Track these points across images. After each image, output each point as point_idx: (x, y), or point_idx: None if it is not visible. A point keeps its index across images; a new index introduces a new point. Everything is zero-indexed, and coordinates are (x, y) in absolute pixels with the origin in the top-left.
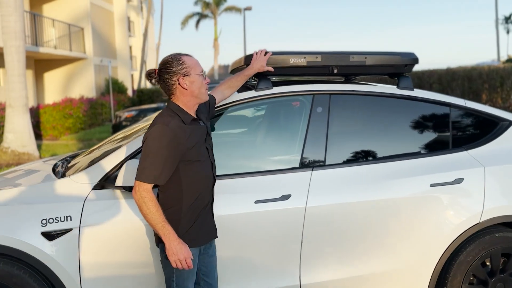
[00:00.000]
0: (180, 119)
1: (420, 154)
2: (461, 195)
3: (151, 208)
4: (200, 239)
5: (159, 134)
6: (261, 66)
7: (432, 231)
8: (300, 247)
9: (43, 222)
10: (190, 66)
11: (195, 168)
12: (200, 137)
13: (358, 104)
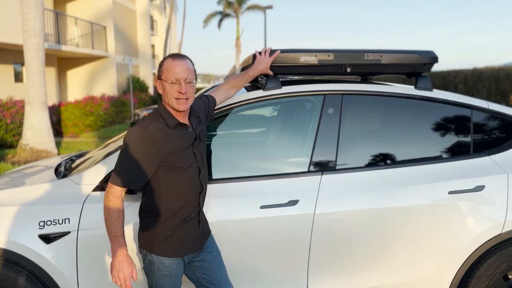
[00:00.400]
0: (164, 123)
1: (438, 159)
2: (481, 203)
3: (111, 215)
4: (180, 251)
5: (136, 137)
6: (264, 68)
7: (450, 242)
8: (308, 255)
9: (40, 224)
10: (163, 70)
11: (176, 175)
12: (184, 143)
13: (372, 105)
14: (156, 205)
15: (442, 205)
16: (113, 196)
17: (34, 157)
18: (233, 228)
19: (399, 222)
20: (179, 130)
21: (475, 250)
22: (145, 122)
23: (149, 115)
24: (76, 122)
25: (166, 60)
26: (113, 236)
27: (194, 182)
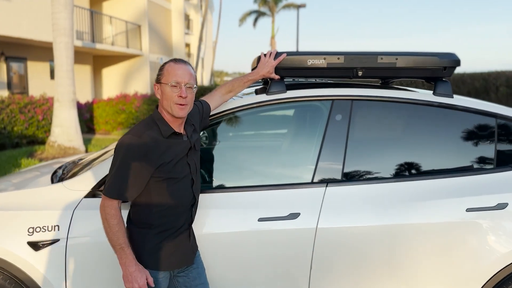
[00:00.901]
0: (158, 131)
1: (457, 172)
2: (503, 223)
3: (112, 227)
4: (168, 264)
5: (128, 146)
6: (267, 72)
7: (467, 264)
8: (309, 273)
9: (29, 231)
10: (164, 73)
11: (168, 186)
12: (178, 153)
13: (385, 113)
14: (146, 217)
15: (458, 223)
16: (110, 209)
17: (62, 154)
18: (228, 241)
19: (410, 240)
20: (173, 139)
21: (496, 273)
22: (138, 130)
23: (142, 121)
24: (108, 119)
25: (168, 64)
26: (118, 249)
27: (187, 193)
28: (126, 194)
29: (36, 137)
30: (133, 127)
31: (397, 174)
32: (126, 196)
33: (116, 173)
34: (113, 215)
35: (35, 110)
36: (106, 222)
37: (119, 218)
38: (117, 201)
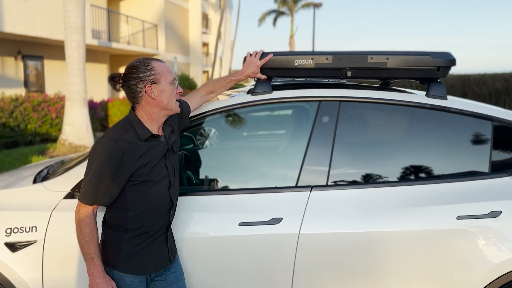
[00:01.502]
0: (135, 134)
1: (448, 178)
2: (496, 232)
3: (84, 236)
4: (145, 268)
5: (104, 150)
6: (252, 72)
7: (457, 275)
8: (292, 280)
9: (7, 232)
10: (159, 72)
11: (145, 189)
12: (156, 156)
13: (374, 115)
14: (122, 220)
15: (448, 231)
16: (85, 216)
17: (73, 152)
18: (208, 246)
19: (396, 248)
20: (151, 142)
21: (487, 285)
22: (114, 133)
23: (117, 124)
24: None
25: (155, 63)
26: (88, 258)
27: (164, 196)
28: (102, 200)
29: (49, 135)
30: (108, 130)
31: (385, 179)
32: (102, 202)
33: (91, 178)
34: (87, 223)
35: (49, 108)
36: (79, 229)
37: (93, 226)
38: (93, 207)
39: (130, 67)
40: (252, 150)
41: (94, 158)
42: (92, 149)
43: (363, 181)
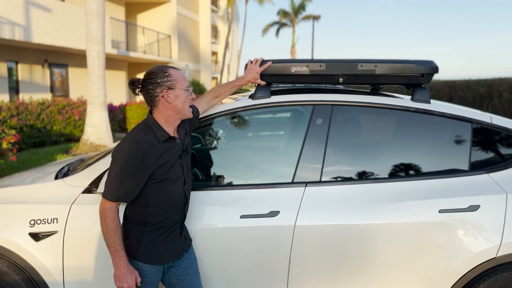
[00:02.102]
0: (154, 136)
1: (432, 175)
2: (475, 224)
3: (109, 230)
4: (162, 259)
5: (127, 151)
6: (252, 78)
7: (439, 263)
8: (288, 268)
9: (31, 223)
10: (176, 79)
11: (163, 187)
12: (173, 156)
13: (364, 117)
14: (143, 216)
15: (431, 223)
16: (109, 212)
17: (94, 150)
18: (212, 236)
19: (384, 239)
20: (168, 143)
21: (466, 273)
22: (136, 136)
23: (137, 126)
24: (139, 120)
25: (172, 70)
26: (113, 250)
27: (180, 193)
28: (125, 197)
29: (73, 135)
30: (129, 132)
31: (374, 176)
32: (125, 198)
33: (115, 177)
34: (112, 218)
35: (72, 111)
36: (104, 224)
37: (117, 221)
38: (116, 203)
39: (149, 73)
40: (253, 149)
41: (118, 158)
42: (115, 149)
43: (353, 178)
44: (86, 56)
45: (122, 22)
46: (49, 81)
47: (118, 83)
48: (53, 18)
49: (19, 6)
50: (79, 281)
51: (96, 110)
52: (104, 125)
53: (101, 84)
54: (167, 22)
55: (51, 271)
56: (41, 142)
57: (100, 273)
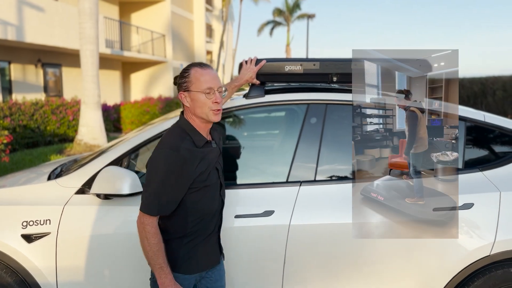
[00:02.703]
0: (191, 141)
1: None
2: (469, 222)
3: (152, 246)
4: (201, 267)
5: (166, 160)
6: (249, 77)
7: (433, 261)
8: (283, 267)
9: (23, 224)
10: (192, 80)
11: (202, 194)
12: (211, 161)
13: None
14: (180, 227)
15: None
16: (150, 227)
17: (88, 151)
18: None
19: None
20: (206, 148)
21: (460, 271)
22: (174, 142)
23: (172, 132)
24: (133, 120)
25: (193, 69)
26: (157, 268)
27: (217, 199)
28: (166, 209)
29: (67, 135)
30: (164, 139)
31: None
32: (166, 211)
33: (156, 189)
34: (154, 233)
35: (66, 111)
36: (146, 241)
37: (159, 236)
38: (156, 217)
39: (180, 72)
40: (247, 148)
41: (157, 168)
42: (152, 160)
43: (348, 177)
44: (80, 56)
45: (116, 22)
46: (42, 81)
47: (112, 83)
48: (46, 18)
49: (11, 5)
50: (72, 282)
51: (90, 110)
52: (98, 125)
53: (95, 83)
54: (161, 21)
55: (44, 272)
56: (35, 142)
57: (94, 274)
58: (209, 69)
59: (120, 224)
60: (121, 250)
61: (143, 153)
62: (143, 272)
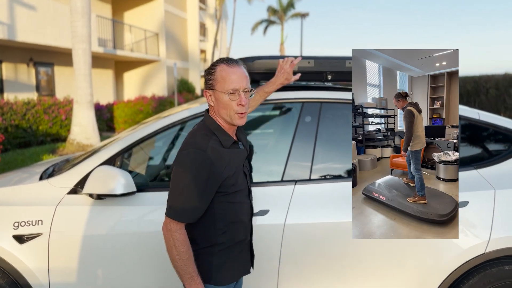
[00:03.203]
0: (218, 141)
1: None
2: (464, 220)
3: (182, 255)
4: (233, 277)
5: (194, 161)
6: (284, 80)
7: (429, 259)
8: (278, 266)
9: (15, 225)
10: (217, 79)
11: (231, 199)
12: (239, 163)
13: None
14: (209, 234)
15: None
16: (179, 234)
17: (80, 150)
18: None
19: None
20: (233, 149)
21: (456, 269)
22: (200, 142)
23: (198, 130)
24: (126, 119)
25: (220, 67)
26: (187, 278)
27: (246, 204)
28: (194, 214)
29: (59, 135)
30: (190, 138)
31: None
32: (195, 216)
33: (182, 193)
34: (183, 240)
35: (59, 111)
36: (175, 249)
37: (188, 243)
38: (184, 224)
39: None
40: None
41: (184, 170)
42: (177, 161)
43: (343, 176)
44: (72, 55)
45: (109, 20)
46: (34, 80)
47: (105, 82)
48: (38, 16)
49: (3, 4)
50: (65, 283)
51: (82, 109)
52: (91, 124)
53: (87, 82)
54: (154, 20)
55: (36, 273)
56: (27, 142)
57: (87, 275)
58: (237, 67)
59: (113, 224)
60: (114, 251)
61: (136, 153)
62: (136, 273)
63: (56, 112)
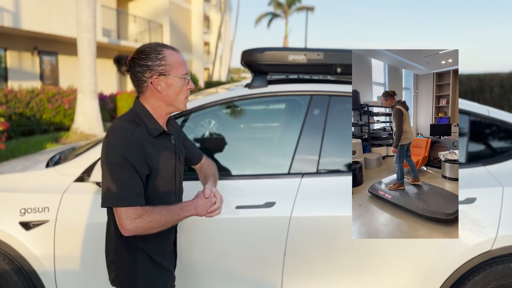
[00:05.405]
0: (145, 129)
1: None
2: (471, 217)
3: (159, 220)
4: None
5: (122, 142)
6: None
7: (434, 255)
8: (283, 259)
9: (21, 212)
10: (170, 64)
11: (155, 199)
12: (168, 158)
13: None
14: (138, 238)
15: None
16: (140, 219)
17: (84, 140)
18: (207, 226)
19: None
20: (162, 140)
21: (461, 266)
22: (127, 126)
23: (124, 116)
24: None
25: (167, 52)
26: (181, 216)
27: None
28: (140, 197)
29: (62, 124)
30: (116, 123)
31: None
32: (141, 199)
33: (118, 175)
34: (149, 216)
35: (62, 100)
36: (151, 224)
37: (153, 209)
38: (136, 208)
39: (140, 51)
40: (249, 140)
41: (114, 152)
42: (108, 143)
43: (350, 170)
44: (77, 44)
45: (113, 10)
46: (38, 69)
47: (109, 72)
48: (43, 5)
49: None
50: (70, 270)
51: (86, 99)
52: (94, 114)
53: (91, 72)
54: (158, 11)
55: (42, 260)
56: (30, 130)
57: (92, 262)
58: (179, 52)
59: None
60: None
61: None
62: None
63: (59, 101)
